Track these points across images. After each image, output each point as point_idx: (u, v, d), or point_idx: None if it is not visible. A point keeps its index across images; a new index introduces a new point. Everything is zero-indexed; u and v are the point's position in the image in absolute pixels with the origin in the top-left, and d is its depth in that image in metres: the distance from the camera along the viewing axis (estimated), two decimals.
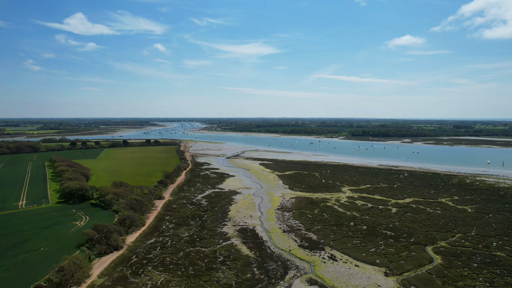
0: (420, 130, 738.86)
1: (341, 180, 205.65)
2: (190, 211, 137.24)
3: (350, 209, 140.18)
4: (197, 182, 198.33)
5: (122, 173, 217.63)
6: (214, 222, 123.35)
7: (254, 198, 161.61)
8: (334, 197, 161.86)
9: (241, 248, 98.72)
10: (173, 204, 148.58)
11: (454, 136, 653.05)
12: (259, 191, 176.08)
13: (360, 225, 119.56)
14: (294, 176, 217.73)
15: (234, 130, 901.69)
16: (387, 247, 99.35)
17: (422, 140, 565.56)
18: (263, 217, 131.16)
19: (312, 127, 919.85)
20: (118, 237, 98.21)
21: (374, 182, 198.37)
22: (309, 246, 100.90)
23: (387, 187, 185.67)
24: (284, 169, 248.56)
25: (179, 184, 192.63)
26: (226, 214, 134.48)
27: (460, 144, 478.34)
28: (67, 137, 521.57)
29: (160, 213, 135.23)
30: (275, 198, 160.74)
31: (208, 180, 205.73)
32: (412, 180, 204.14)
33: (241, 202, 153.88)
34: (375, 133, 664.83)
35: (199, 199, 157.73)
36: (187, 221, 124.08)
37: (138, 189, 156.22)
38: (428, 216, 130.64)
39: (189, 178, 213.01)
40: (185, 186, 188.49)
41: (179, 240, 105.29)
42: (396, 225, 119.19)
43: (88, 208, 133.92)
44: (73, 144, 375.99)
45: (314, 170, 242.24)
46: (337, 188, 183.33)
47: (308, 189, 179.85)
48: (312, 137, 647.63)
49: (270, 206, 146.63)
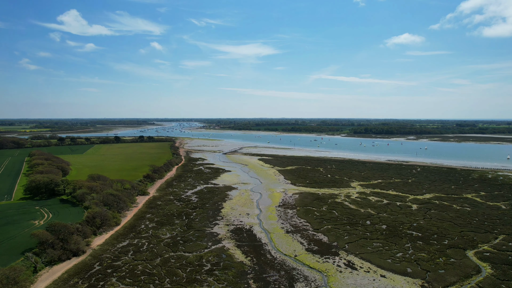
0: (424, 128, 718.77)
1: (348, 175, 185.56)
2: (176, 208, 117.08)
3: (364, 206, 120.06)
4: (189, 177, 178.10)
5: (107, 167, 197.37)
6: (204, 221, 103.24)
7: (252, 194, 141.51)
8: (343, 193, 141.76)
9: (234, 253, 78.68)
10: (158, 201, 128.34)
11: (459, 133, 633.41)
12: (257, 187, 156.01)
13: (379, 224, 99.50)
14: (297, 171, 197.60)
15: (233, 129, 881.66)
16: (416, 251, 79.30)
17: (427, 137, 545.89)
18: (262, 215, 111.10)
19: (313, 125, 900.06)
20: (80, 240, 78.05)
21: (385, 177, 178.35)
22: (320, 250, 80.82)
23: (401, 182, 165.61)
24: (285, 164, 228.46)
25: (168, 179, 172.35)
26: (218, 211, 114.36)
27: (468, 141, 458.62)
28: (58, 135, 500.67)
29: (140, 210, 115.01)
30: (276, 194, 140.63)
31: (201, 175, 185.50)
32: (427, 175, 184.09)
33: (236, 198, 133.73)
34: (378, 130, 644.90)
35: (188, 195, 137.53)
36: (171, 220, 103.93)
37: (118, 184, 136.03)
38: (457, 213, 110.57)
39: (180, 173, 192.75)
40: (175, 181, 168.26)
41: (158, 242, 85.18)
42: (422, 224, 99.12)
43: (56, 205, 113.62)
44: (61, 140, 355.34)
45: (317, 165, 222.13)
46: (346, 183, 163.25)
47: (313, 184, 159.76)
48: (313, 135, 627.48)
49: (270, 203, 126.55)
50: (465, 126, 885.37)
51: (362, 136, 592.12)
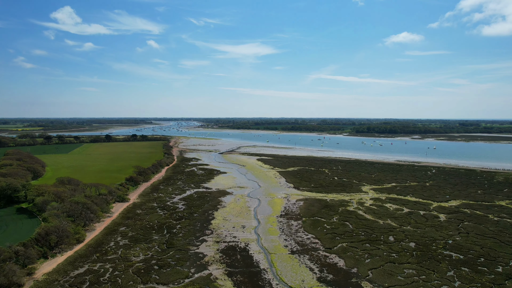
0: (428, 127, 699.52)
1: (358, 177, 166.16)
2: (158, 219, 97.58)
3: (382, 216, 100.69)
4: (179, 180, 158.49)
5: (88, 168, 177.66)
6: (189, 237, 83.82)
7: (248, 200, 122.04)
8: (355, 199, 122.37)
9: (224, 285, 59.29)
10: (138, 209, 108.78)
11: (464, 133, 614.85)
12: (255, 191, 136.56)
13: (405, 241, 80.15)
14: (299, 173, 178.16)
15: (232, 128, 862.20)
16: (465, 283, 60.03)
17: (433, 136, 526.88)
18: (260, 227, 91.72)
19: (313, 124, 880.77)
20: (15, 269, 58.51)
21: (399, 180, 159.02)
22: (336, 280, 61.47)
23: (418, 186, 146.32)
24: (286, 165, 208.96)
25: (155, 183, 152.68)
26: (208, 223, 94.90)
27: (476, 140, 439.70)
28: (49, 133, 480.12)
29: (114, 222, 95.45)
30: (276, 201, 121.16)
31: (193, 177, 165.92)
32: (445, 178, 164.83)
33: (231, 205, 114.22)
34: (381, 129, 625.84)
35: (175, 202, 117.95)
36: (148, 235, 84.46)
37: (92, 189, 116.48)
38: (497, 226, 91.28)
39: (170, 175, 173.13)
40: (162, 184, 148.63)
41: (126, 268, 65.75)
42: (459, 242, 79.80)
43: (9, 215, 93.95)
44: (48, 139, 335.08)
45: (322, 166, 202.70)
46: (356, 187, 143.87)
47: (318, 189, 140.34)
48: (314, 134, 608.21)
49: (271, 212, 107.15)
50: (468, 126, 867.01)
51: (364, 135, 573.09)
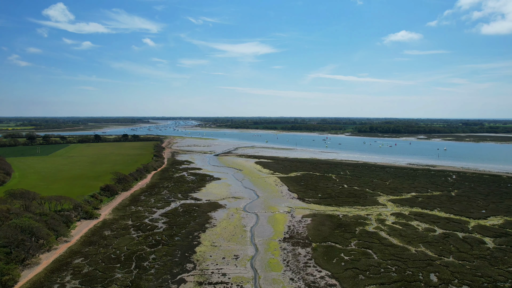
0: (432, 127, 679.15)
1: (370, 185, 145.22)
2: (129, 245, 76.39)
3: (412, 240, 79.68)
4: (165, 188, 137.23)
5: (62, 174, 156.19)
6: (163, 275, 62.72)
7: (244, 216, 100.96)
8: (373, 215, 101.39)
9: None
10: (107, 229, 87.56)
11: (470, 133, 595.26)
12: (253, 204, 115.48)
13: (455, 284, 59.14)
14: (304, 179, 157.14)
15: (230, 127, 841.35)
16: None
17: (439, 136, 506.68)
18: (258, 258, 70.65)
19: (313, 124, 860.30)
20: None
21: (419, 188, 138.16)
22: None
23: (443, 196, 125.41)
24: (288, 169, 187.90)
25: (136, 192, 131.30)
26: (191, 251, 73.77)
27: (485, 141, 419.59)
28: (38, 133, 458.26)
29: (71, 250, 74.19)
30: (278, 217, 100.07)
31: (182, 185, 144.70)
32: (470, 185, 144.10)
33: (222, 224, 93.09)
34: (384, 129, 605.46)
35: (155, 219, 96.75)
36: (110, 272, 63.29)
37: (52, 203, 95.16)
38: None
39: (155, 181, 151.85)
40: (144, 194, 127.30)
41: None
42: None
43: None
44: (31, 139, 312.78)
45: (328, 171, 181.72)
46: (371, 198, 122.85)
47: (327, 200, 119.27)
48: (315, 134, 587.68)
49: (271, 233, 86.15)
50: (471, 125, 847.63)
51: (367, 135, 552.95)
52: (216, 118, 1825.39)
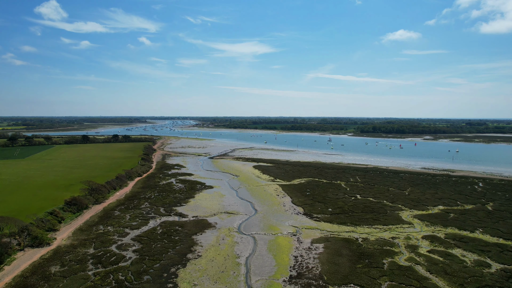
0: (437, 127, 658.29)
1: (387, 195, 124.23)
2: None
3: (465, 282, 58.70)
4: (146, 200, 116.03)
5: (28, 183, 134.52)
6: None
7: (239, 240, 79.86)
8: (400, 238, 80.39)
9: None
10: (56, 263, 66.36)
11: (477, 133, 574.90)
12: (250, 222, 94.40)
13: None
14: (309, 188, 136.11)
15: (228, 127, 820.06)
16: None
17: (446, 137, 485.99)
18: None
19: (314, 123, 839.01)
20: None
21: (446, 200, 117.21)
22: None
23: (478, 211, 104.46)
24: (290, 175, 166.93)
25: (111, 205, 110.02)
26: None
27: (496, 142, 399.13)
28: (26, 133, 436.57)
29: None
30: (281, 242, 78.98)
31: (168, 194, 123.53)
32: (505, 196, 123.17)
33: (209, 253, 71.96)
34: (387, 129, 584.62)
35: (124, 245, 75.57)
36: None
37: None
38: None
39: (137, 190, 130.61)
40: (120, 208, 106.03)
41: None
42: None
43: None
44: (12, 139, 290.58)
45: (335, 177, 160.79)
46: (391, 212, 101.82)
47: (340, 217, 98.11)
48: (316, 134, 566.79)
49: (273, 268, 65.15)
50: (475, 125, 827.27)
51: (370, 135, 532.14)
52: (215, 117, 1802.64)
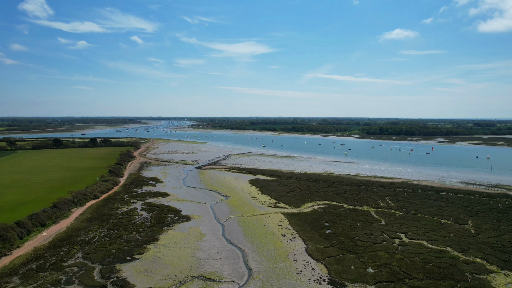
0: (450, 129, 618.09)
1: (446, 235, 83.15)
2: None
3: None
4: (81, 248, 74.72)
5: None
6: None
7: None
8: None
9: None
10: None
11: (491, 134, 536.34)
12: None
13: None
14: (327, 220, 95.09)
15: (225, 128, 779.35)
16: None
17: (462, 139, 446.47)
18: None
19: (315, 124, 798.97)
20: None
21: None
22: None
23: None
24: (298, 196, 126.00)
25: (16, 261, 68.50)
26: None
27: None
28: None
29: None
30: None
31: (120, 234, 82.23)
32: None
33: None
34: (395, 131, 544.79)
35: None
36: None
37: None
38: None
39: (78, 226, 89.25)
40: (26, 269, 64.64)
41: None
42: None
43: None
44: None
45: (359, 199, 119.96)
46: (472, 277, 60.83)
47: (385, 281, 57.03)
48: (319, 136, 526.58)
49: None
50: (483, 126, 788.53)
51: (377, 137, 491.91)
52: (212, 118, 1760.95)
